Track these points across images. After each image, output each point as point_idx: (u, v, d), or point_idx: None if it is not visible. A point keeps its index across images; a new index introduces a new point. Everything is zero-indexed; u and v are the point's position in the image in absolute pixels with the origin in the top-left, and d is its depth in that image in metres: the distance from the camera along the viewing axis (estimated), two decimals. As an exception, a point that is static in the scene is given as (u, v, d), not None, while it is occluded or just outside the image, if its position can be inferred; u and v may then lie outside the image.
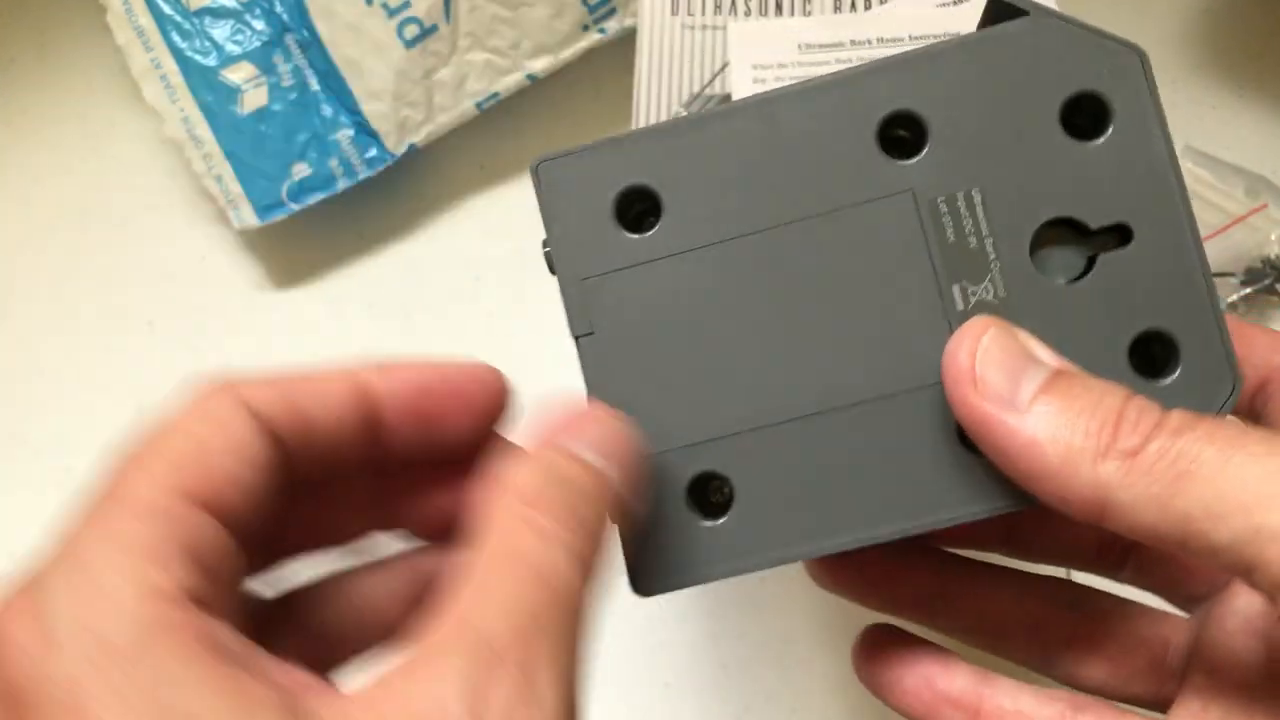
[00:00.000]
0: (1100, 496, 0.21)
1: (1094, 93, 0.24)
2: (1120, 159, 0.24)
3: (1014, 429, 0.22)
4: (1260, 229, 0.44)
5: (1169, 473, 0.20)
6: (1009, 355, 0.22)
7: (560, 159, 0.25)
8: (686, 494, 0.25)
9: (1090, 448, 0.21)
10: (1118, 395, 0.22)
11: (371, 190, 0.47)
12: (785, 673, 0.42)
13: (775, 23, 0.42)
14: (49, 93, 0.49)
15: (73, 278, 0.48)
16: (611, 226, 0.25)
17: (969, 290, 0.24)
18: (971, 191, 0.24)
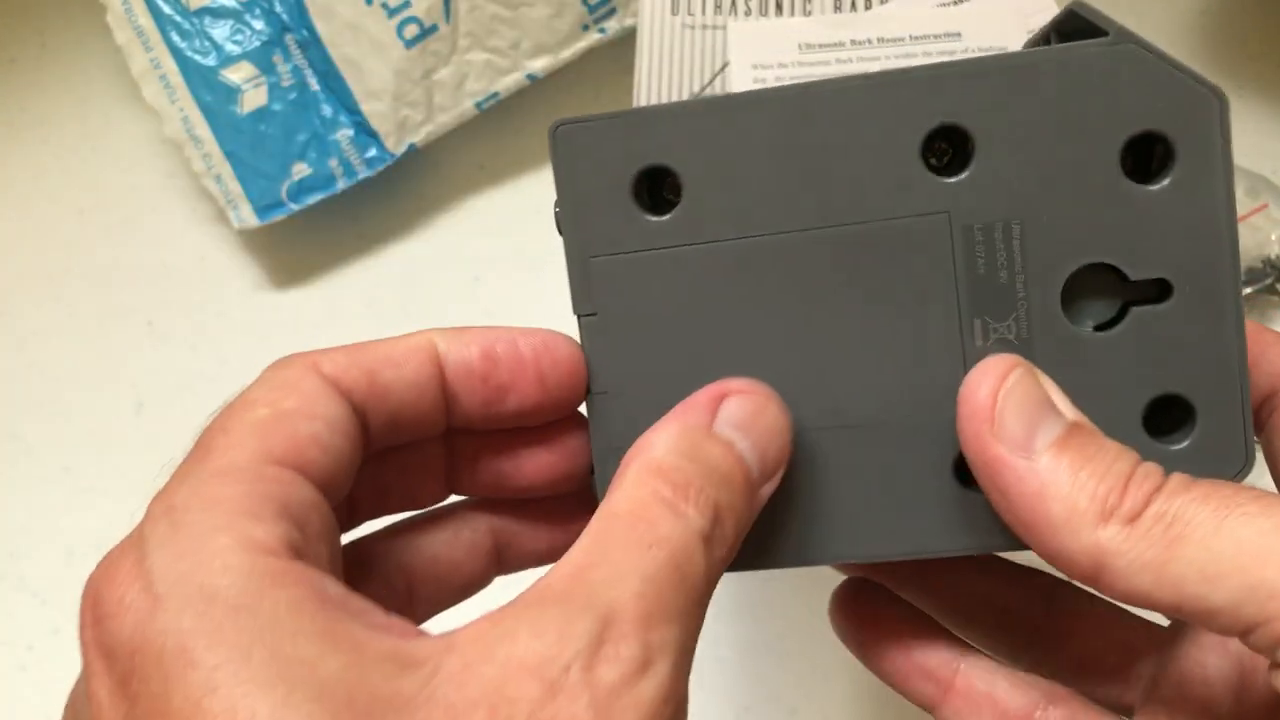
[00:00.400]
0: (1097, 560, 0.21)
1: (1162, 133, 0.22)
2: (1174, 209, 0.22)
3: (1023, 477, 0.21)
4: (1261, 229, 0.44)
5: (1164, 537, 0.20)
6: (1030, 401, 0.22)
7: (582, 124, 0.23)
8: None
9: (1094, 510, 0.21)
10: (1128, 460, 0.21)
11: (371, 190, 0.47)
12: (785, 673, 0.42)
13: (775, 23, 0.42)
14: (49, 93, 0.49)
15: (72, 277, 0.48)
16: (628, 203, 0.23)
17: (991, 326, 0.23)
18: (1011, 223, 0.23)
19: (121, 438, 0.46)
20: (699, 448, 0.21)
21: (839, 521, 0.24)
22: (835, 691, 0.42)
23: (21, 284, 0.48)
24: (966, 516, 0.23)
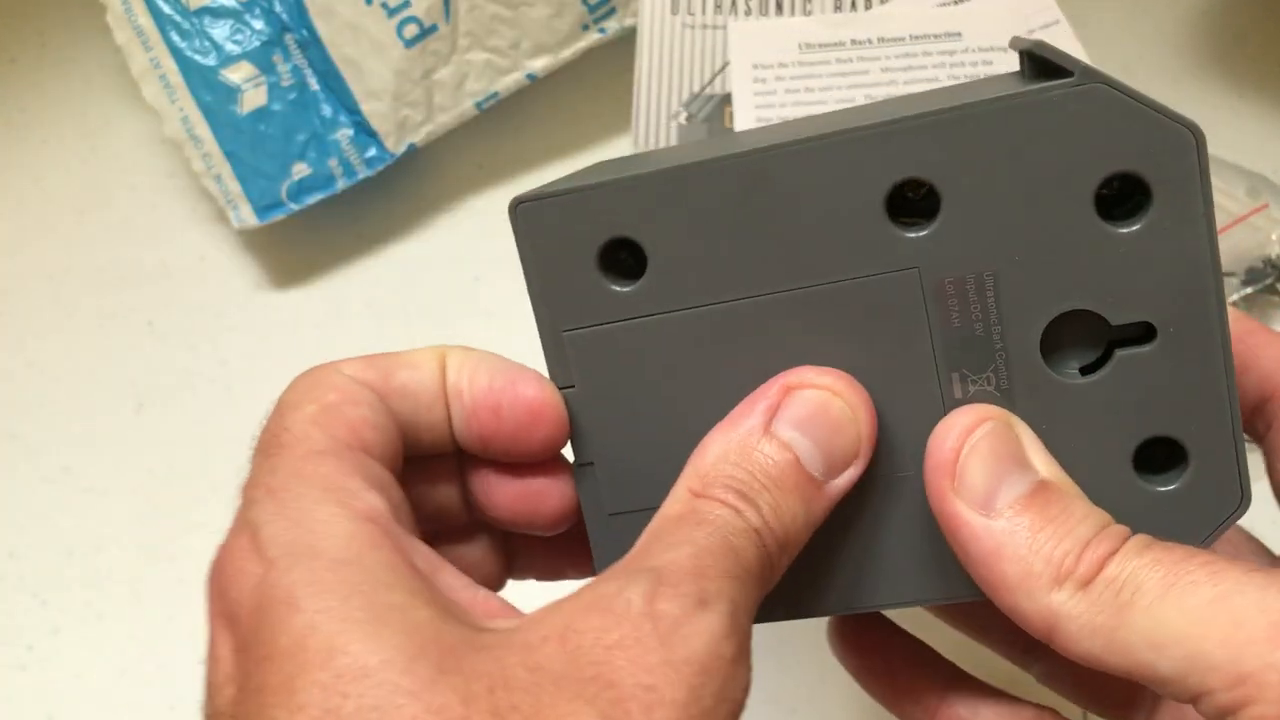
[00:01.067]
0: (1050, 623, 0.20)
1: (1136, 174, 0.21)
2: (1153, 250, 0.21)
3: (980, 534, 0.21)
4: (1261, 229, 0.44)
5: (1114, 603, 0.20)
6: (996, 457, 0.21)
7: (541, 201, 0.23)
8: None
9: (1049, 574, 0.20)
10: (1092, 525, 0.21)
11: (371, 190, 0.47)
12: (785, 673, 0.42)
13: (775, 22, 0.42)
14: (49, 92, 0.49)
15: (72, 277, 0.48)
16: (594, 275, 0.23)
17: (969, 379, 0.22)
18: (984, 275, 0.22)
19: (121, 438, 0.46)
20: (747, 451, 0.21)
21: (818, 577, 0.24)
22: (835, 692, 0.42)
23: (21, 284, 0.47)
24: (944, 566, 0.23)
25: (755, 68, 0.42)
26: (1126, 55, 0.47)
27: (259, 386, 0.49)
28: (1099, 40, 0.46)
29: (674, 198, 0.22)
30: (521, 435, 0.24)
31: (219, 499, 0.46)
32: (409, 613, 0.19)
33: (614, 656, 0.18)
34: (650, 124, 0.42)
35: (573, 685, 0.18)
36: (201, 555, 0.45)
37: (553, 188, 0.23)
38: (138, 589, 0.44)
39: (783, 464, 0.21)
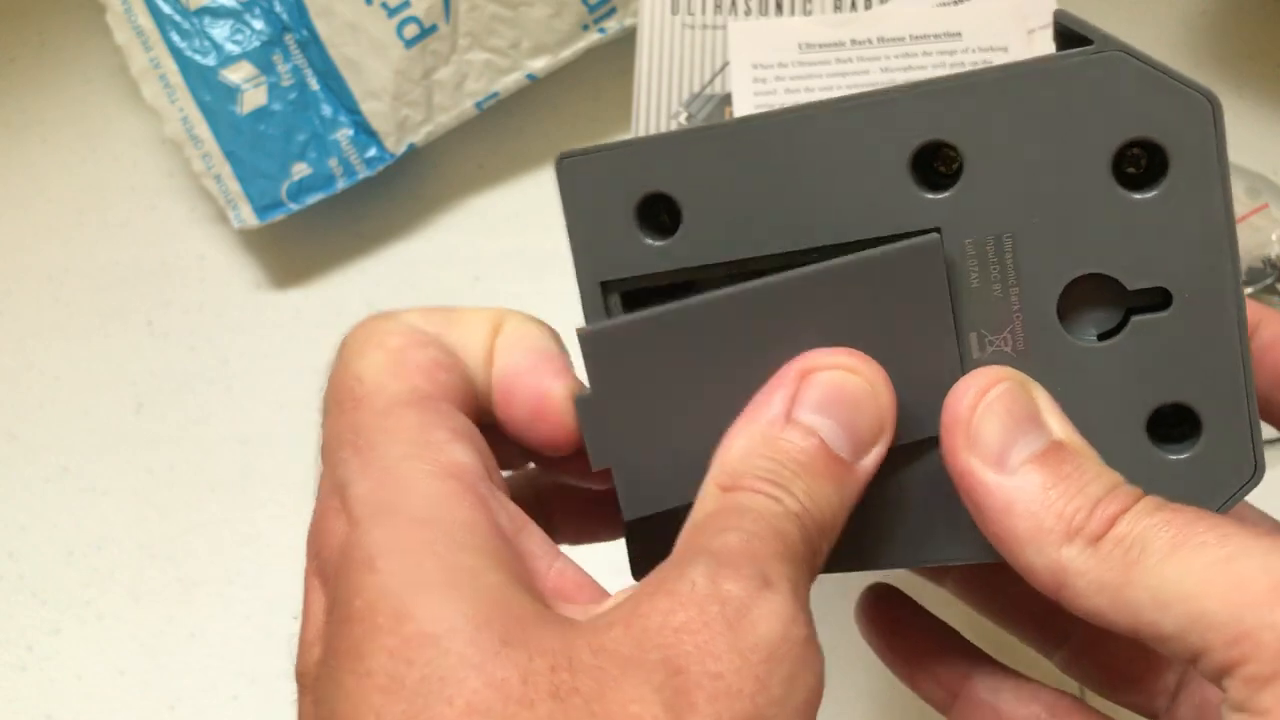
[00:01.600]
0: (1059, 579, 0.21)
1: (1154, 140, 0.21)
2: (1170, 217, 0.22)
3: (991, 491, 0.21)
4: (1261, 229, 0.44)
5: (1122, 560, 0.20)
6: (1011, 415, 0.22)
7: (584, 157, 0.24)
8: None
9: (1059, 530, 0.21)
10: (1104, 484, 0.21)
11: (371, 190, 0.47)
12: (785, 673, 0.42)
13: (775, 22, 0.42)
14: (49, 93, 0.49)
15: (72, 277, 0.48)
16: (633, 229, 0.24)
17: (986, 339, 0.23)
18: (1004, 236, 0.22)
19: (121, 438, 0.46)
20: (772, 442, 0.21)
21: (859, 534, 0.24)
22: (835, 692, 0.42)
23: (21, 284, 0.47)
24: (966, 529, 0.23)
25: (755, 68, 0.42)
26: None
27: (259, 386, 0.49)
28: (1099, 40, 0.46)
29: (709, 155, 0.23)
30: (526, 427, 0.24)
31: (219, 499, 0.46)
32: (481, 576, 0.19)
33: (681, 640, 0.18)
34: (650, 124, 0.42)
35: (639, 670, 0.18)
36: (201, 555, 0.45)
37: (596, 145, 0.24)
38: (138, 589, 0.44)
39: (810, 449, 0.21)
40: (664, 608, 0.18)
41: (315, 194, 0.45)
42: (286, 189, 0.45)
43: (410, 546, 0.19)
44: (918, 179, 0.23)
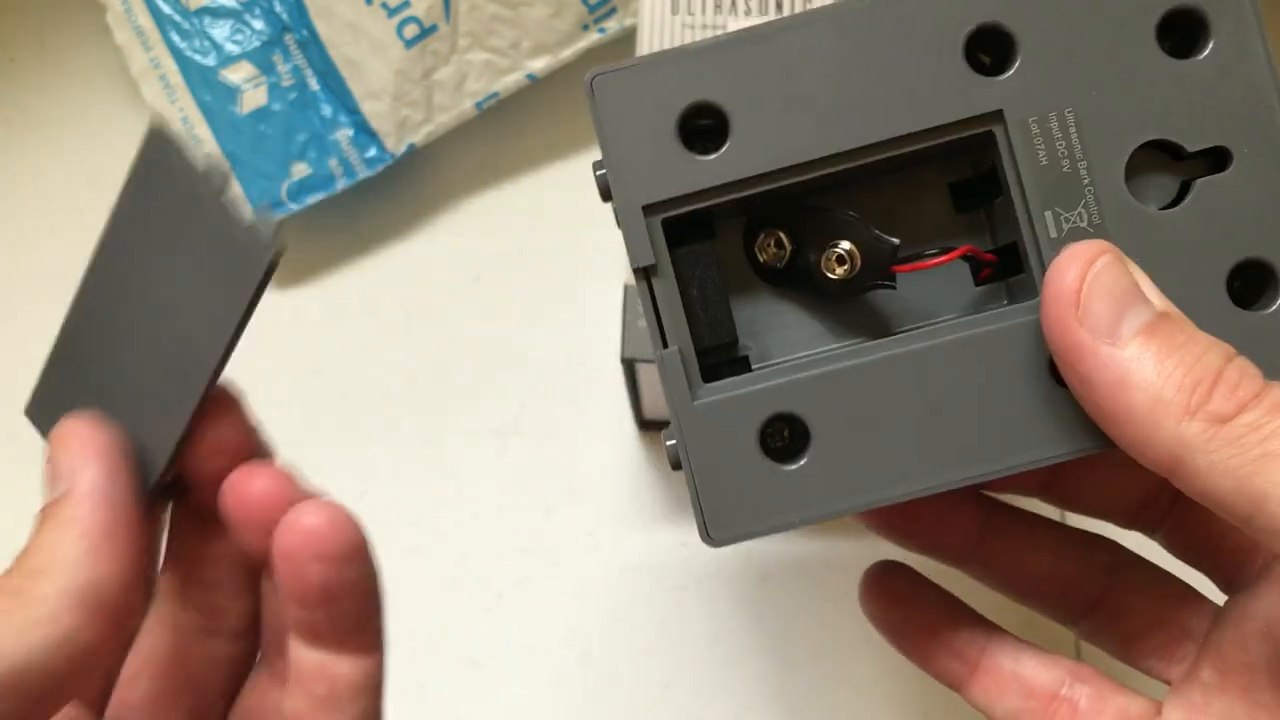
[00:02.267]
0: (1177, 454, 0.20)
1: (1193, 7, 0.23)
2: (1218, 79, 0.23)
3: (1106, 363, 0.21)
4: (1260, 229, 0.44)
5: (1256, 449, 0.20)
6: (1118, 286, 0.21)
7: (618, 72, 0.23)
8: (759, 437, 0.23)
9: (1179, 403, 0.20)
10: (1219, 354, 0.21)
11: (371, 190, 0.47)
12: (785, 673, 0.42)
13: (775, 22, 0.42)
14: (49, 92, 0.49)
15: (72, 278, 0.48)
16: (675, 146, 0.23)
17: (1062, 217, 0.23)
18: (1065, 111, 0.23)
19: (121, 438, 0.46)
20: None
21: (930, 446, 0.23)
22: (835, 691, 0.42)
23: (21, 284, 0.47)
24: (1062, 420, 0.23)
25: (755, 68, 0.42)
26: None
27: (259, 386, 0.49)
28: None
29: (755, 58, 0.23)
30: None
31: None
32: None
33: None
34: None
35: None
36: (202, 555, 0.43)
37: (628, 61, 0.24)
38: (138, 589, 0.44)
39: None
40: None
41: (315, 194, 0.45)
42: (286, 189, 0.45)
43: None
44: (973, 64, 0.23)
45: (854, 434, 0.23)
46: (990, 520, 0.29)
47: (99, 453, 0.24)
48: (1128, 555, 0.29)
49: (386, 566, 0.44)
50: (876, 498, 0.23)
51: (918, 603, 0.29)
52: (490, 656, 0.43)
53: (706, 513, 0.24)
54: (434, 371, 0.46)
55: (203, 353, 0.23)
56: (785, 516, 0.23)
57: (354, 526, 0.23)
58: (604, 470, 0.44)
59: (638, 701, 0.42)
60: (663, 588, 0.43)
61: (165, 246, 0.23)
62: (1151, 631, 0.28)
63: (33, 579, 0.22)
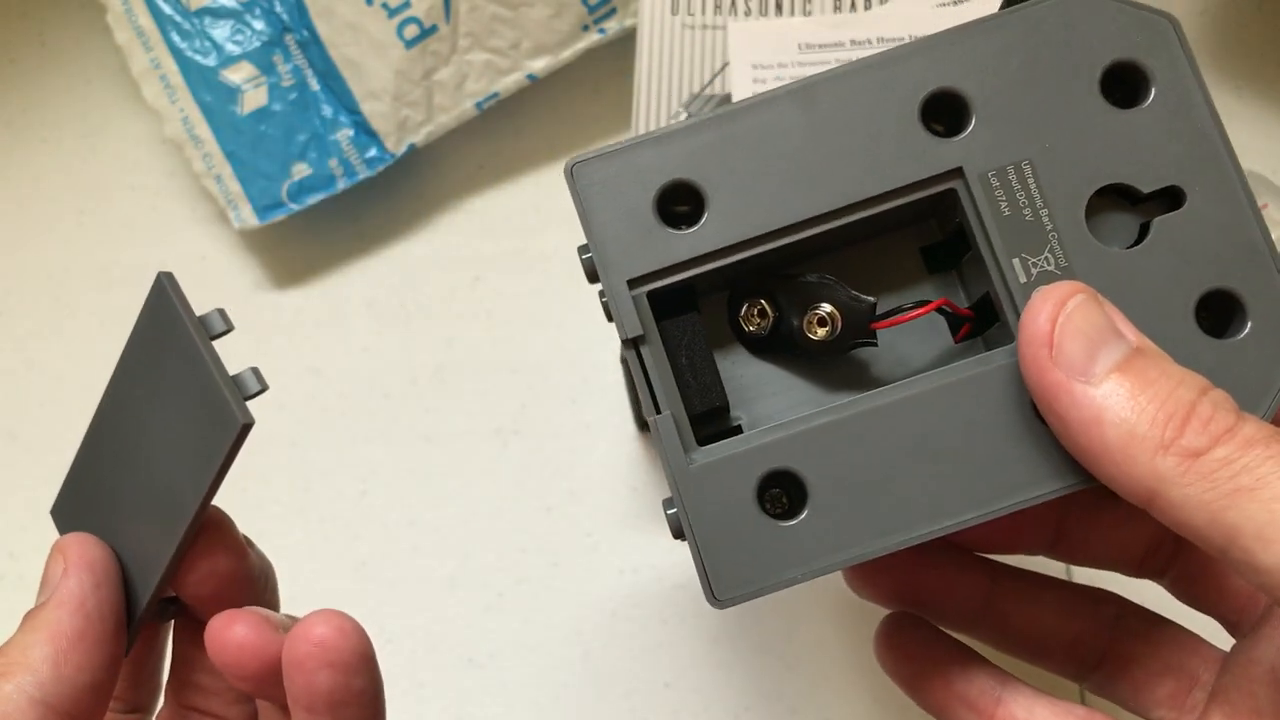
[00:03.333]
0: (1153, 488, 0.21)
1: (1131, 61, 0.24)
2: (1165, 124, 0.24)
3: (1081, 401, 0.21)
4: (1260, 229, 0.44)
5: (1228, 484, 0.20)
6: (1091, 325, 0.22)
7: (596, 159, 0.25)
8: (756, 495, 0.24)
9: (1154, 438, 0.21)
10: (1193, 388, 0.21)
11: (371, 190, 0.47)
12: (785, 673, 0.42)
13: (775, 23, 0.42)
14: (49, 93, 0.49)
15: (72, 277, 0.48)
16: (654, 224, 0.24)
17: (1030, 262, 0.24)
18: (1021, 164, 0.24)
19: (121, 438, 0.46)
20: None
21: (925, 494, 0.24)
22: (835, 691, 0.42)
23: (21, 284, 0.48)
24: (1048, 459, 0.24)
25: (755, 68, 0.42)
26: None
27: (259, 386, 0.49)
28: (1099, 40, 0.46)
29: (724, 137, 0.24)
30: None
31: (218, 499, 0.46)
32: None
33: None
34: (650, 124, 0.42)
35: None
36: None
37: (604, 147, 0.25)
38: (138, 589, 0.44)
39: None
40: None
41: (315, 194, 0.45)
42: (287, 189, 0.45)
43: None
44: (930, 127, 0.24)
45: (850, 486, 0.24)
46: (996, 584, 0.29)
47: (84, 565, 0.26)
48: (1132, 607, 0.29)
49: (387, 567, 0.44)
50: (877, 547, 0.24)
51: (931, 655, 0.29)
52: (490, 656, 0.43)
53: (711, 576, 0.24)
54: (434, 371, 0.46)
55: (186, 493, 0.25)
56: (789, 572, 0.24)
57: (362, 636, 0.24)
58: (604, 470, 0.44)
59: (638, 701, 0.42)
60: (663, 588, 0.43)
61: (162, 387, 0.25)
62: (1160, 681, 0.28)
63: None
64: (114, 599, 0.26)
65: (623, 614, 0.43)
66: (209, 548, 0.26)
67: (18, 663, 0.24)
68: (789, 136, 0.24)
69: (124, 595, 0.26)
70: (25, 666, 0.24)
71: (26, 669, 0.24)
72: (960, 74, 0.24)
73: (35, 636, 0.25)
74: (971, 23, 0.24)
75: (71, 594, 0.25)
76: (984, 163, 0.24)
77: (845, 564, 0.24)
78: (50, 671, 0.24)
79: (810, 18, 0.42)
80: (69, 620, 0.25)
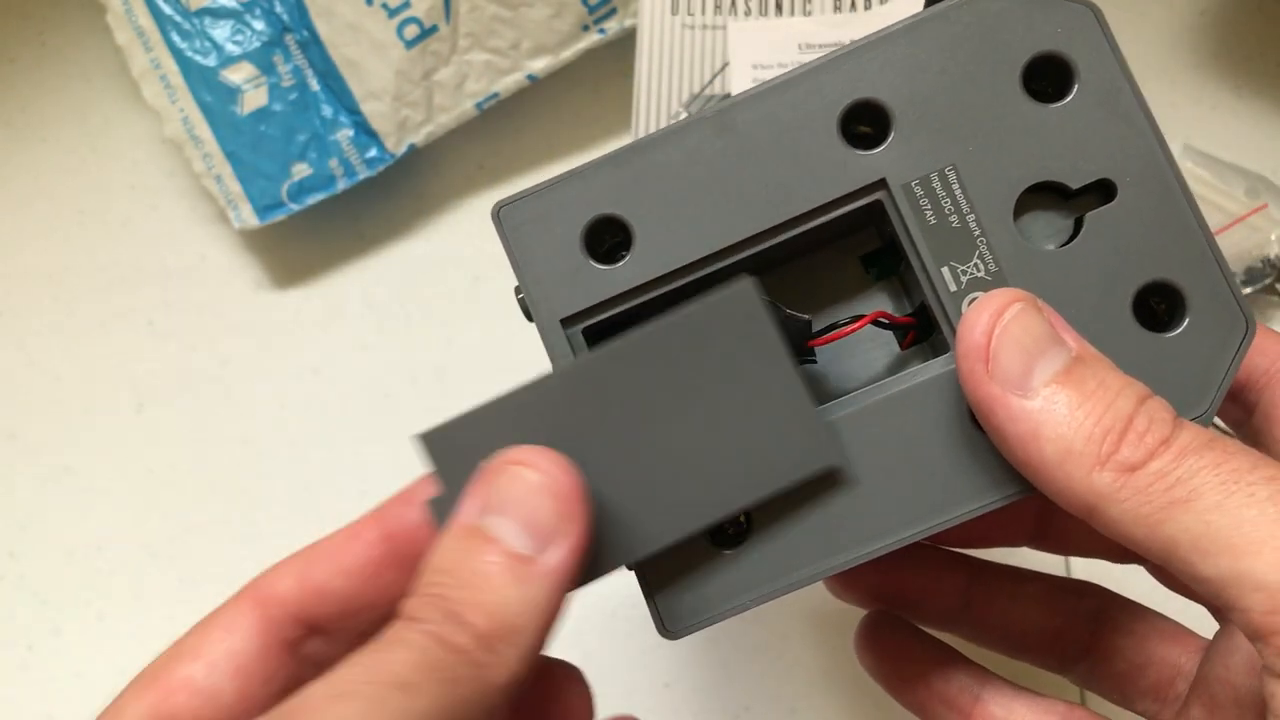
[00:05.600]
0: (1091, 503, 0.20)
1: (1053, 53, 0.23)
2: (1092, 115, 0.23)
3: (1017, 415, 0.21)
4: (1260, 229, 0.44)
5: (1163, 497, 0.20)
6: (1029, 335, 0.21)
7: (521, 200, 0.24)
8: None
9: (1090, 453, 0.20)
10: (1131, 399, 0.21)
11: (371, 190, 0.47)
12: (785, 673, 0.42)
13: (775, 23, 0.42)
14: (49, 93, 0.49)
15: (72, 277, 0.48)
16: (583, 261, 0.24)
17: (959, 269, 0.24)
18: (945, 170, 0.24)
19: (121, 438, 0.46)
20: (444, 553, 0.21)
21: (870, 512, 0.24)
22: (835, 691, 0.42)
23: (21, 284, 0.48)
24: (991, 468, 0.23)
25: (755, 68, 0.42)
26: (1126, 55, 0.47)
27: (259, 386, 0.49)
28: (1099, 40, 0.46)
29: (645, 168, 0.24)
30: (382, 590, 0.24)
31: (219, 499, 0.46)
32: None
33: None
34: (650, 124, 0.42)
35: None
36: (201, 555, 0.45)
37: (529, 187, 0.24)
38: (138, 589, 0.44)
39: (485, 553, 0.21)
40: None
41: (316, 194, 0.45)
42: (287, 189, 0.45)
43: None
44: (850, 140, 0.24)
45: (794, 509, 0.24)
46: (975, 581, 0.29)
47: (580, 523, 0.22)
48: (1113, 599, 0.29)
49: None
50: (824, 568, 0.24)
51: (911, 654, 0.29)
52: (490, 656, 0.43)
53: (661, 609, 0.24)
54: (434, 371, 0.46)
55: (719, 496, 0.22)
56: (738, 599, 0.24)
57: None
58: (604, 470, 0.44)
59: (638, 701, 0.42)
60: (663, 588, 0.43)
61: (721, 384, 0.23)
62: (1142, 672, 0.28)
63: (499, 641, 0.20)
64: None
65: (622, 614, 0.43)
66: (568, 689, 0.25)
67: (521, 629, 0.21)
68: (710, 163, 0.24)
69: None
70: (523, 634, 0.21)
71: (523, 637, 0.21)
72: (877, 83, 0.24)
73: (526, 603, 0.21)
74: (888, 29, 0.24)
75: (564, 564, 0.21)
76: (907, 172, 0.24)
77: (795, 587, 0.24)
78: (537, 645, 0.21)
79: (810, 18, 0.42)
80: (552, 595, 0.21)
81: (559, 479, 0.21)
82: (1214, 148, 0.45)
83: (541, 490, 0.21)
